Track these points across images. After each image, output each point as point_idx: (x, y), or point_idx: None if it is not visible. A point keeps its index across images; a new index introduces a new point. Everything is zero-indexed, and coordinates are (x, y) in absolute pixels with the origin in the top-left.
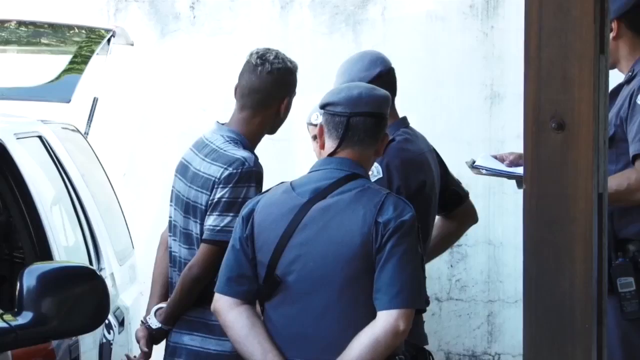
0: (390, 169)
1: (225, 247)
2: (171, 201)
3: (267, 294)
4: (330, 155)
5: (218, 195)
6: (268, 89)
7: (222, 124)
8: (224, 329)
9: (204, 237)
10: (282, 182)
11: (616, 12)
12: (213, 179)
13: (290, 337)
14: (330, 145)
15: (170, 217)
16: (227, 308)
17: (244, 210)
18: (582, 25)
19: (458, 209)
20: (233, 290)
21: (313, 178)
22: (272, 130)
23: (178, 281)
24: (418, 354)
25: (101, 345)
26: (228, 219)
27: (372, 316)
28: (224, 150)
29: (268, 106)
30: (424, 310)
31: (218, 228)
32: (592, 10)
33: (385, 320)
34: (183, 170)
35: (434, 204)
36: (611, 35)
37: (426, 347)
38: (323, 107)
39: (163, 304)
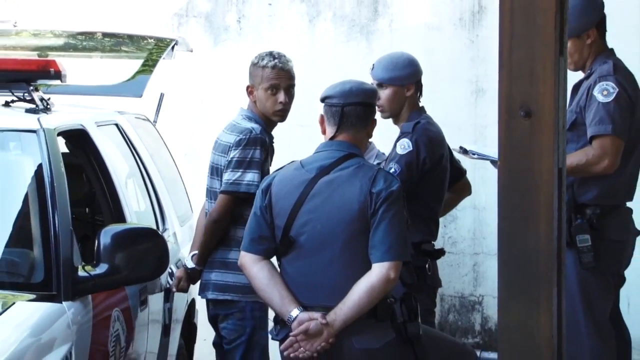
0: (419, 144)
1: (236, 196)
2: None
3: (284, 251)
4: (331, 139)
5: (231, 156)
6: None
7: (244, 108)
8: (248, 280)
9: (220, 189)
10: (293, 161)
11: (594, 21)
12: (229, 144)
13: (302, 285)
14: (330, 130)
15: (207, 184)
16: (250, 263)
17: (263, 184)
18: (545, 33)
19: (458, 183)
20: (255, 249)
21: (318, 157)
22: (272, 115)
23: (204, 226)
24: (405, 296)
25: (165, 291)
26: (238, 174)
27: (368, 268)
28: (239, 124)
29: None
30: (410, 262)
31: (231, 181)
32: (553, 20)
33: (378, 271)
34: (214, 145)
35: (448, 173)
36: (588, 41)
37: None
38: (322, 100)
39: (196, 251)
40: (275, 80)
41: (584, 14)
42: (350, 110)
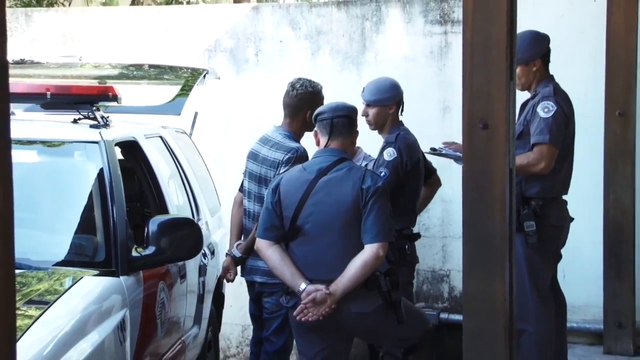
0: (402, 151)
1: None
2: (245, 176)
3: (292, 237)
4: (325, 146)
5: (282, 171)
6: (293, 105)
7: (278, 126)
8: (264, 260)
9: None
10: (296, 165)
11: (540, 53)
12: (278, 160)
13: (308, 263)
14: (323, 140)
15: (245, 186)
16: (265, 247)
17: (272, 185)
18: (499, 62)
19: (430, 179)
20: (268, 236)
21: (316, 162)
22: (310, 129)
23: (255, 226)
24: (388, 270)
25: (200, 267)
26: None
27: (360, 249)
28: (283, 143)
29: (297, 115)
30: (395, 242)
31: None
32: (505, 52)
33: (370, 250)
34: (253, 156)
35: (422, 174)
36: (534, 68)
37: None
38: (315, 117)
39: (240, 241)
40: None
41: (532, 47)
42: (338, 122)
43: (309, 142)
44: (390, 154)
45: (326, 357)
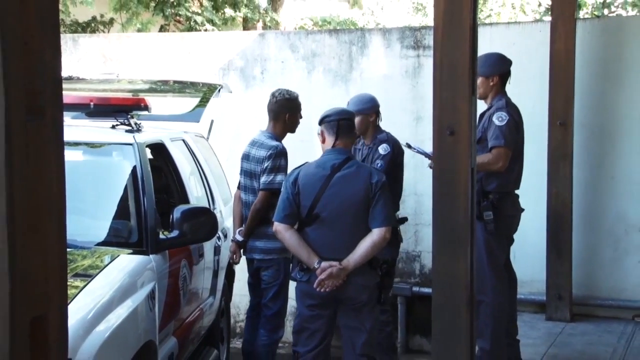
0: (393, 147)
1: (272, 192)
2: (241, 173)
3: (308, 222)
4: (333, 146)
5: (265, 165)
6: (275, 110)
7: (263, 130)
8: (282, 242)
9: (260, 187)
10: (306, 162)
11: (499, 71)
12: (262, 157)
13: (321, 245)
14: (330, 140)
15: (241, 182)
16: (284, 230)
17: (291, 177)
18: (463, 79)
19: None
20: (287, 220)
21: (329, 159)
22: (291, 131)
23: (249, 212)
24: (385, 260)
25: (215, 248)
26: (272, 177)
27: (366, 233)
28: (266, 142)
29: (278, 119)
30: (397, 227)
31: (267, 182)
32: (468, 72)
33: (378, 232)
34: (246, 157)
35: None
36: (491, 83)
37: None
38: (322, 119)
39: (241, 228)
40: None
41: (494, 65)
42: (343, 123)
43: (304, 145)
44: (385, 149)
45: (323, 324)
